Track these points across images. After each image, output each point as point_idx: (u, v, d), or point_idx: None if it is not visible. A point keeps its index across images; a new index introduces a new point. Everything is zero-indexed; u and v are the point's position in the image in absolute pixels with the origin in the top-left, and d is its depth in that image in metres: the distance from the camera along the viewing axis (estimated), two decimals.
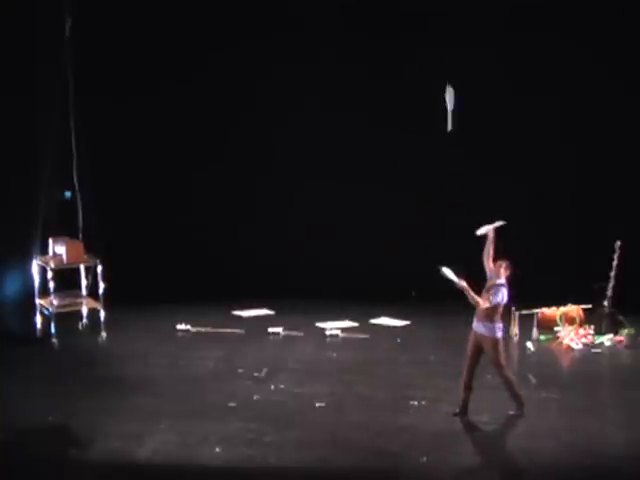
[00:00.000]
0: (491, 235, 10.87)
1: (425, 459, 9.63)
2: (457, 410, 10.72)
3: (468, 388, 10.73)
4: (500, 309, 10.62)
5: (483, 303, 10.48)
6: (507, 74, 15.34)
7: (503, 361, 10.65)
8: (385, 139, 15.94)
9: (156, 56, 15.65)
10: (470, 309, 15.13)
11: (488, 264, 10.80)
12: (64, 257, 13.75)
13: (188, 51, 15.73)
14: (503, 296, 10.55)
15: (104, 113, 15.36)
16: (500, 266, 10.67)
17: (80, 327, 14.25)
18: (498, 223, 10.91)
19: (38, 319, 14.04)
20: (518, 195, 15.68)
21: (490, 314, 10.54)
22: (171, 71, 15.77)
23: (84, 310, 14.20)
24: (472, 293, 10.51)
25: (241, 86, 16.00)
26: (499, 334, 10.60)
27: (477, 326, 10.65)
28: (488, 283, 10.70)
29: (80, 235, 14.58)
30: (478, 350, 10.68)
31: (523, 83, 15.35)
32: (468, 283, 10.53)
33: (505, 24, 15.21)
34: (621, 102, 15.08)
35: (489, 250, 10.84)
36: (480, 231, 10.94)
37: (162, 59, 15.71)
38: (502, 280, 10.63)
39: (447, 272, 10.52)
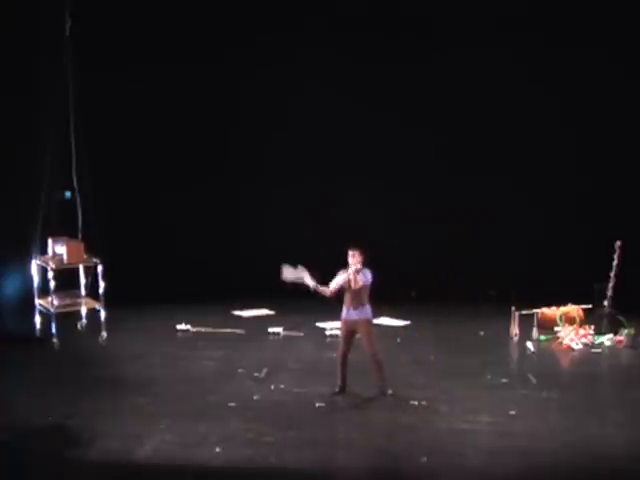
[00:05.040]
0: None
1: (425, 459, 9.62)
2: (337, 389, 11.39)
3: (344, 368, 11.41)
4: (367, 291, 11.21)
5: (355, 284, 11.08)
6: (506, 72, 15.36)
7: (375, 342, 11.34)
8: (385, 139, 15.96)
9: (156, 56, 15.67)
10: (469, 309, 15.27)
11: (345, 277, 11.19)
12: (64, 257, 13.73)
13: (187, 51, 15.75)
14: (368, 277, 11.17)
15: (104, 112, 15.36)
16: (353, 256, 11.15)
17: (79, 327, 14.24)
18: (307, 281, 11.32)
19: (38, 319, 14.04)
20: (518, 195, 15.69)
21: (363, 298, 11.15)
22: (170, 71, 15.79)
23: (84, 310, 14.19)
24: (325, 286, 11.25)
25: (240, 91, 16.04)
26: (371, 315, 11.34)
27: (351, 313, 11.23)
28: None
29: (80, 235, 14.59)
30: (353, 335, 11.38)
31: (521, 83, 15.37)
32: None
33: (502, 25, 15.26)
34: (620, 103, 15.08)
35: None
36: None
37: (161, 59, 15.73)
38: (359, 266, 11.14)
39: (291, 274, 11.36)
